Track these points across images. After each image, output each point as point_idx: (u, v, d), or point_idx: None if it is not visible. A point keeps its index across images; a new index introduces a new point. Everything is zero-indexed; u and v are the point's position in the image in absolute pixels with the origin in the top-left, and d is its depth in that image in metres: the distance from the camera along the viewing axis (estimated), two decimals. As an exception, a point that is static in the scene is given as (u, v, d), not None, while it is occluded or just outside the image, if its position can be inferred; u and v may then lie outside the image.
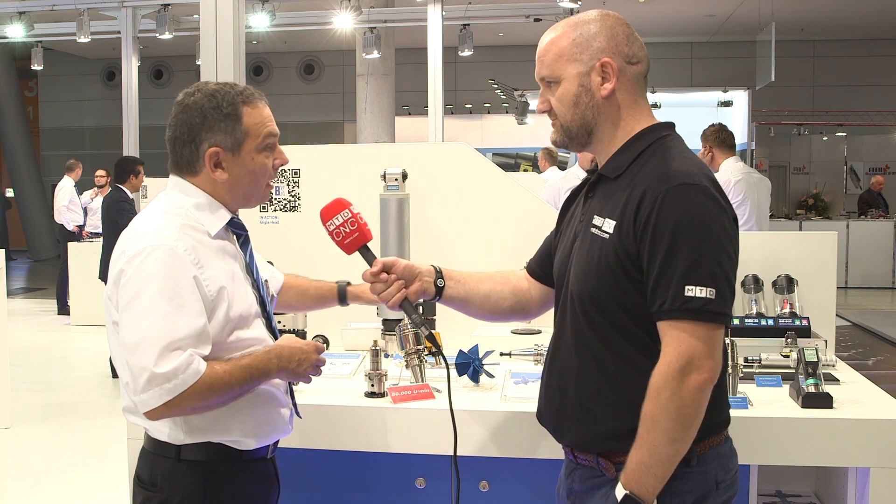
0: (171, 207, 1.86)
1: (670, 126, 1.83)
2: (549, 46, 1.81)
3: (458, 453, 1.98)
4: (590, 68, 1.77)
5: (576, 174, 5.49)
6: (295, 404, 2.04)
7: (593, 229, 1.76)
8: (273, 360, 1.84)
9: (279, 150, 1.94)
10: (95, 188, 10.64)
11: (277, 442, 2.00)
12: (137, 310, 1.71)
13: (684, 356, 1.62)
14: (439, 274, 2.01)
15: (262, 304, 1.95)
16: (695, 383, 1.62)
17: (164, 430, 1.83)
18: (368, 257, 1.96)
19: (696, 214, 1.64)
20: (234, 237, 1.94)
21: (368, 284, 1.99)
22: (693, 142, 5.83)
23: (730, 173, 5.62)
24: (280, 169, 1.96)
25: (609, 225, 1.73)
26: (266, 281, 2.04)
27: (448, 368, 1.97)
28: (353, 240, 1.94)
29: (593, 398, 1.76)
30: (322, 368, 1.96)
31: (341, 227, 1.93)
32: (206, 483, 1.83)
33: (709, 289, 1.62)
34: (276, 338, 1.97)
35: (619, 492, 1.67)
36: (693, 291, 1.62)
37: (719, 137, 5.67)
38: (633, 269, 1.69)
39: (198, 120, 1.85)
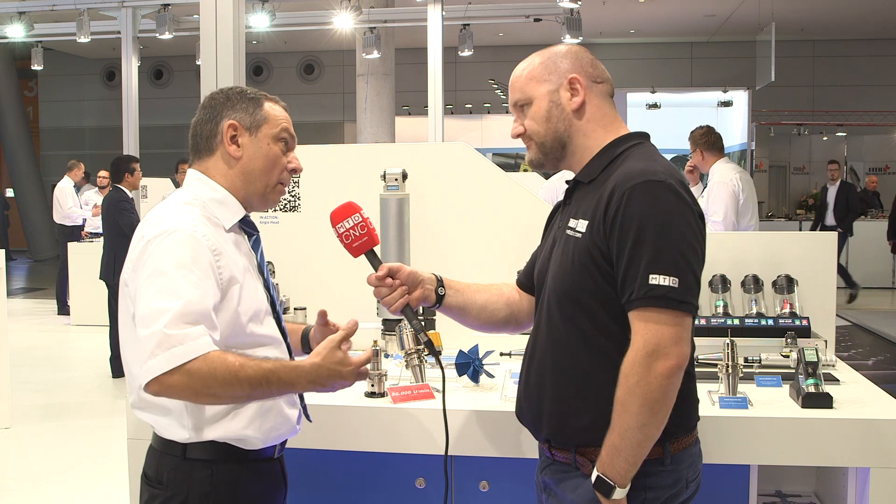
0: (190, 198, 1.89)
1: (644, 135, 1.93)
2: (521, 74, 1.95)
3: (458, 453, 1.99)
4: (559, 85, 1.90)
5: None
6: (304, 405, 2.04)
7: (568, 231, 1.86)
8: (302, 377, 1.77)
9: (294, 155, 1.98)
10: (97, 188, 10.62)
11: (285, 442, 2.00)
12: (155, 286, 1.72)
13: (651, 343, 1.68)
14: (440, 282, 2.07)
15: (273, 304, 1.96)
16: (662, 369, 1.68)
17: (171, 428, 1.83)
18: (374, 262, 1.99)
19: (659, 208, 1.72)
20: (246, 237, 1.96)
21: (318, 330, 2.08)
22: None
23: (731, 174, 5.62)
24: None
25: (582, 225, 1.82)
26: (276, 284, 2.05)
27: (444, 371, 2.01)
28: (362, 244, 1.97)
29: (570, 394, 1.83)
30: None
31: (351, 231, 1.96)
32: (211, 482, 1.83)
33: (672, 277, 1.69)
34: (284, 338, 1.98)
35: (593, 475, 1.75)
36: (657, 280, 1.69)
37: (708, 140, 5.66)
38: (605, 263, 1.77)
39: (221, 101, 1.94)
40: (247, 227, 1.95)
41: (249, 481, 1.89)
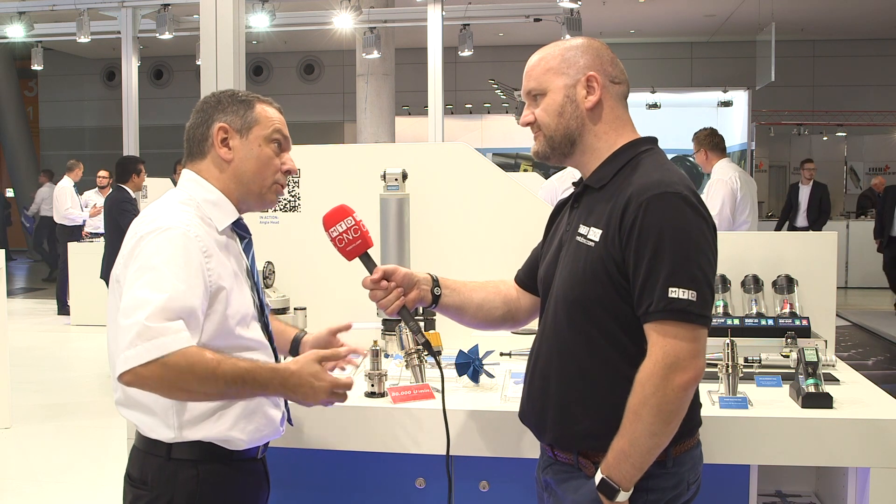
0: (185, 198, 1.89)
1: (653, 140, 1.92)
2: (538, 62, 1.91)
3: (458, 453, 2.00)
4: (576, 81, 1.87)
5: (572, 174, 5.53)
6: (288, 409, 2.04)
7: (579, 238, 1.83)
8: (276, 380, 1.78)
9: (288, 156, 1.97)
10: (97, 188, 10.61)
11: (268, 443, 2.00)
12: (143, 280, 1.72)
13: (670, 355, 1.68)
14: (436, 282, 2.06)
15: (261, 308, 1.96)
16: (679, 382, 1.69)
17: (156, 428, 1.84)
18: (369, 264, 1.98)
19: (677, 221, 1.72)
20: (238, 239, 1.95)
21: (320, 340, 2.13)
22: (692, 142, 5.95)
23: (731, 173, 5.78)
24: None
25: (595, 233, 1.80)
26: (264, 289, 2.06)
27: (442, 372, 2.01)
28: (355, 247, 1.96)
29: (574, 400, 1.82)
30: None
31: (344, 234, 1.95)
32: (196, 482, 1.84)
33: (691, 291, 1.70)
34: (271, 341, 1.98)
35: (597, 476, 1.76)
36: (676, 293, 1.69)
37: (712, 141, 5.90)
38: (618, 275, 1.76)
39: (212, 104, 1.94)
40: (239, 229, 1.96)
41: (234, 481, 1.89)
